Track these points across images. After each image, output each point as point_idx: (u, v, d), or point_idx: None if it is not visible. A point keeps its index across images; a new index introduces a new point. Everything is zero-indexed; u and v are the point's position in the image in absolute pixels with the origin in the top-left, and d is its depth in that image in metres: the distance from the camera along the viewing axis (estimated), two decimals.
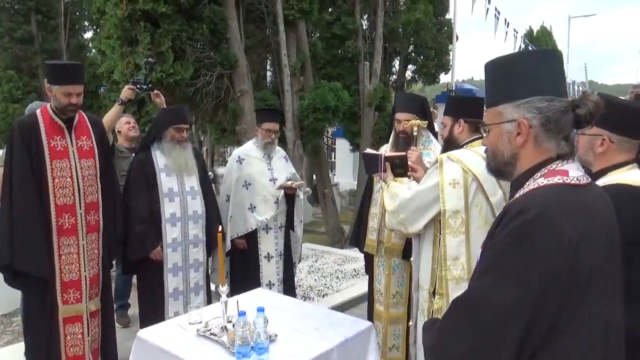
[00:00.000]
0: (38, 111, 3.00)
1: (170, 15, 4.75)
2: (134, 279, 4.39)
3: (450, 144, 2.68)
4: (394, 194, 2.62)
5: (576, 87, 22.71)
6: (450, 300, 2.40)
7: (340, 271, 5.80)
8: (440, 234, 2.47)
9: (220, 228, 2.24)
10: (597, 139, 1.77)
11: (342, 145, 10.60)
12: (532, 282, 1.06)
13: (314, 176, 9.45)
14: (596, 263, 1.11)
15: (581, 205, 1.14)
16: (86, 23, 16.77)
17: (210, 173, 15.27)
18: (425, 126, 3.14)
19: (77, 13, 16.59)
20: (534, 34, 17.88)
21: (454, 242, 2.41)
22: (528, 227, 1.08)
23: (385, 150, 3.35)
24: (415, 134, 3.04)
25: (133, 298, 4.56)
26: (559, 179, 1.17)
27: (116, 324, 4.50)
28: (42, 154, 2.90)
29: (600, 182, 1.75)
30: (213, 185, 13.48)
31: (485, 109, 1.36)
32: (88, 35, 17.09)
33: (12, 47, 15.01)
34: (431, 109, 10.97)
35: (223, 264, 2.20)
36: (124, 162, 4.23)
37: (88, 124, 3.17)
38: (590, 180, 1.23)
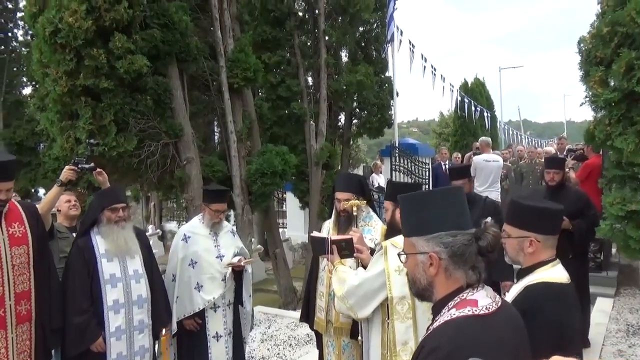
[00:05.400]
0: None
1: (112, 90, 4.71)
2: None
3: (393, 228, 2.79)
4: (342, 279, 2.67)
5: (511, 130, 24.11)
6: None
7: (294, 337, 5.70)
8: (388, 319, 2.53)
9: (163, 332, 2.18)
10: (525, 241, 1.90)
11: (293, 199, 10.63)
12: None
13: (265, 233, 9.38)
14: None
15: (489, 336, 1.25)
16: (24, 79, 16.26)
17: (158, 230, 14.82)
18: (364, 205, 3.25)
19: (15, 69, 16.10)
20: (469, 85, 19.03)
21: (402, 327, 2.48)
22: None
23: (328, 227, 3.42)
24: (355, 213, 3.14)
25: None
26: (468, 311, 1.28)
27: None
28: None
29: (529, 279, 1.88)
30: (162, 241, 12.98)
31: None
32: (27, 91, 16.56)
33: None
34: (377, 161, 11.25)
35: None
36: (64, 242, 4.05)
37: (20, 210, 3.07)
38: (499, 304, 1.34)
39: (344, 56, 9.67)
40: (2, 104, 15.30)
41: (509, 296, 1.89)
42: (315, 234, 3.11)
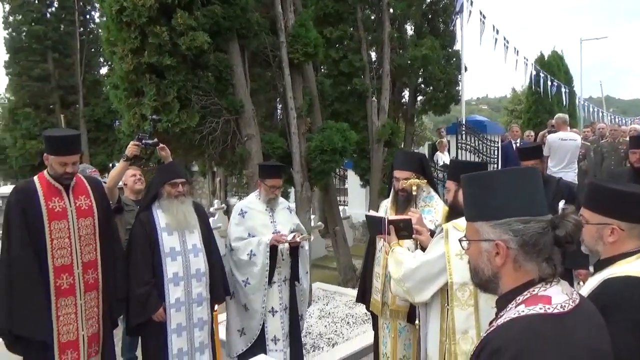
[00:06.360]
0: (35, 177, 3.05)
1: (174, 67, 4.78)
2: None
3: (455, 209, 2.63)
4: (399, 261, 2.55)
5: (591, 107, 22.41)
6: None
7: (351, 315, 5.66)
8: (448, 305, 2.39)
9: (215, 307, 2.17)
10: (606, 228, 1.69)
11: (354, 177, 10.51)
12: None
13: (325, 210, 9.35)
14: None
15: (562, 341, 1.07)
16: (101, 59, 17.14)
17: (223, 205, 15.26)
18: (424, 184, 3.08)
19: (93, 49, 16.98)
20: (545, 58, 17.77)
21: (463, 315, 2.34)
22: None
23: (386, 206, 3.30)
24: (414, 193, 2.98)
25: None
26: (540, 308, 1.11)
27: None
28: (39, 216, 2.94)
29: (608, 272, 1.67)
30: (226, 215, 13.29)
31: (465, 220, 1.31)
32: (104, 70, 17.48)
33: (30, 85, 15.39)
34: (442, 139, 10.85)
35: (219, 346, 2.12)
36: (129, 215, 4.23)
37: (86, 184, 3.20)
38: (577, 301, 1.16)
39: (409, 29, 9.26)
40: (82, 83, 16.25)
41: (585, 290, 1.68)
42: (371, 213, 3.00)
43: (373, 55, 8.53)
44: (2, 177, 22.11)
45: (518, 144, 9.13)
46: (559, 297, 1.13)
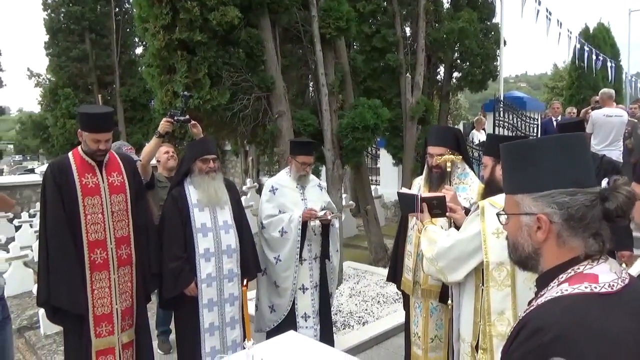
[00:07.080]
0: (70, 153, 3.09)
1: (205, 43, 4.76)
2: None
3: (491, 186, 2.51)
4: (431, 240, 2.47)
5: (639, 83, 21.28)
6: (495, 357, 2.23)
7: (382, 295, 5.63)
8: (483, 285, 2.30)
9: (245, 282, 2.16)
10: None
11: (387, 156, 10.36)
12: None
13: (357, 189, 9.27)
14: None
15: (610, 321, 0.97)
16: (136, 39, 17.38)
17: (255, 183, 15.40)
18: (459, 160, 2.96)
19: (128, 30, 17.24)
20: (590, 31, 16.89)
21: (499, 296, 2.25)
22: (544, 352, 0.95)
23: (419, 184, 3.20)
24: (449, 169, 2.88)
25: None
26: (585, 287, 1.01)
27: (158, 350, 4.58)
28: (74, 192, 2.99)
29: None
30: (258, 194, 13.39)
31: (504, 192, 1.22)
32: (139, 50, 17.75)
33: (69, 66, 15.80)
34: (481, 117, 10.51)
35: (249, 321, 2.12)
36: (163, 191, 4.27)
37: (119, 160, 3.22)
38: (627, 281, 1.05)
39: (446, 2, 8.94)
40: (118, 63, 16.56)
41: (634, 271, 1.57)
42: (404, 190, 2.91)
43: (407, 29, 8.27)
44: (46, 155, 22.97)
45: (560, 121, 8.76)
46: (606, 275, 1.03)
